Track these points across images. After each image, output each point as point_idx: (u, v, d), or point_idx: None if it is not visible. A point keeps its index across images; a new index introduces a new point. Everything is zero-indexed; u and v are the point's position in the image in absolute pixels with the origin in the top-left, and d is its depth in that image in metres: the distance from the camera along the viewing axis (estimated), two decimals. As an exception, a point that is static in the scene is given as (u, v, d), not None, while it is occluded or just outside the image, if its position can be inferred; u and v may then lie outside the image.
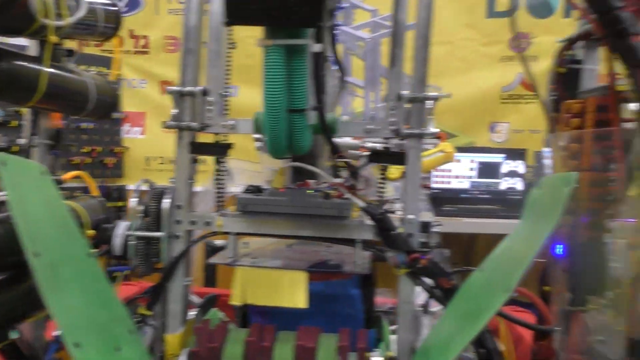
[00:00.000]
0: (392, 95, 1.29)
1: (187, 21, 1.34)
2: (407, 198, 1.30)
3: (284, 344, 1.30)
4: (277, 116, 1.10)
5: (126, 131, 4.34)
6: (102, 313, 1.20)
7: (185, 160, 1.37)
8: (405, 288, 1.31)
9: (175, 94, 1.35)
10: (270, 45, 1.06)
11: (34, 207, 1.14)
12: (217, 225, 1.35)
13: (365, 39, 3.12)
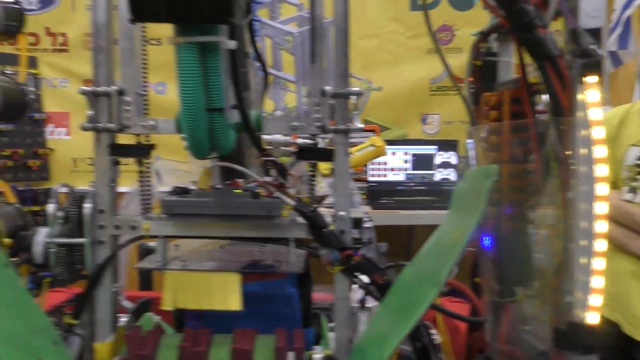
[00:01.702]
0: (316, 91, 1.28)
1: (95, 18, 1.28)
2: (337, 194, 1.29)
3: (220, 348, 1.27)
4: (195, 116, 1.06)
5: (50, 132, 4.17)
6: (21, 325, 1.14)
7: (105, 163, 1.31)
8: (340, 285, 1.30)
9: (89, 94, 1.29)
10: (182, 42, 1.03)
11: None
12: (143, 229, 1.31)
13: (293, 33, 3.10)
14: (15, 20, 1.37)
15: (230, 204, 1.25)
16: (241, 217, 1.26)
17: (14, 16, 1.37)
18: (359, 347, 1.27)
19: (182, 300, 1.30)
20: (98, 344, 1.31)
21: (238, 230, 1.30)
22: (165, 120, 1.29)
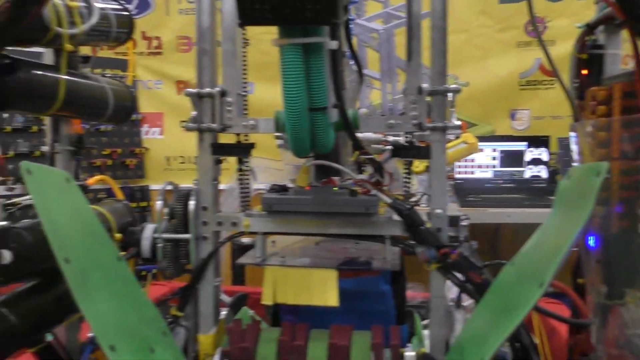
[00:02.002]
0: (412, 88, 1.27)
1: (199, 22, 1.33)
2: (434, 192, 1.29)
3: (317, 343, 1.29)
4: (298, 116, 1.09)
5: (145, 132, 4.37)
6: (134, 316, 1.20)
7: (208, 162, 1.36)
8: (436, 283, 1.29)
9: (193, 96, 1.34)
10: (286, 44, 1.05)
11: (61, 214, 1.14)
12: (244, 225, 1.35)
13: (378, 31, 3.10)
14: (125, 28, 1.45)
15: (328, 202, 1.27)
16: (339, 214, 1.28)
17: (124, 24, 1.45)
18: (457, 346, 1.26)
19: (281, 295, 1.33)
20: (202, 336, 1.36)
21: (335, 227, 1.31)
22: (265, 120, 1.33)
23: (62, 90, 1.21)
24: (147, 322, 1.23)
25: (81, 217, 1.23)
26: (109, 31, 1.39)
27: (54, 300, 1.24)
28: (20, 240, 1.14)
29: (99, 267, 1.18)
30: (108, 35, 1.39)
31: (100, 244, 1.24)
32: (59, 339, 1.37)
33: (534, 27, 1.23)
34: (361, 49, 3.21)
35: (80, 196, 1.25)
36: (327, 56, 1.06)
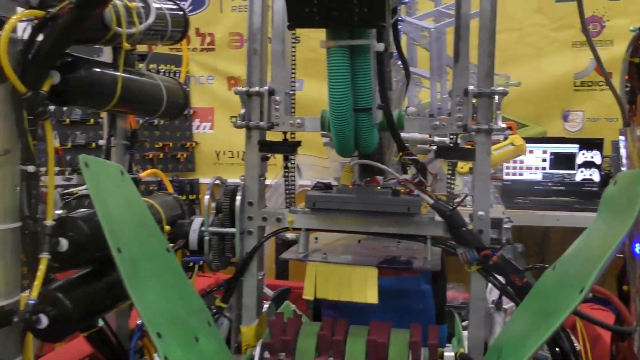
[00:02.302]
0: (458, 90, 1.28)
1: (250, 23, 1.37)
2: (477, 194, 1.29)
3: (356, 338, 1.31)
4: (343, 116, 1.11)
5: (196, 126, 4.47)
6: (181, 305, 1.25)
7: (255, 158, 1.40)
8: (477, 285, 1.30)
9: (242, 94, 1.38)
10: (333, 46, 1.07)
11: (115, 206, 1.20)
12: (288, 221, 1.38)
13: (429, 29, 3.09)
14: (180, 27, 1.50)
15: (371, 201, 1.29)
16: (381, 213, 1.30)
17: (179, 23, 1.50)
18: (495, 347, 1.26)
19: (322, 291, 1.36)
20: (244, 327, 1.40)
21: (377, 226, 1.33)
22: (311, 119, 1.36)
23: (119, 87, 1.27)
24: (193, 312, 1.28)
25: (133, 209, 1.28)
26: (165, 30, 1.45)
27: (105, 287, 1.30)
28: (77, 230, 1.20)
29: (149, 257, 1.23)
30: (164, 34, 1.45)
31: (150, 235, 1.29)
32: (110, 325, 1.43)
33: (583, 27, 1.21)
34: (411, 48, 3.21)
35: (133, 189, 1.31)
36: (374, 58, 1.08)
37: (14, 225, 1.12)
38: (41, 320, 1.12)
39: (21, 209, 1.13)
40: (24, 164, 1.13)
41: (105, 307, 1.33)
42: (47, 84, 1.12)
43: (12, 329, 1.13)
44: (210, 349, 1.25)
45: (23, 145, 1.12)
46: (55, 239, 1.16)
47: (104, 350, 1.38)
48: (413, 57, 3.20)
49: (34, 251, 1.14)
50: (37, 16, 1.07)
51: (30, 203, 1.14)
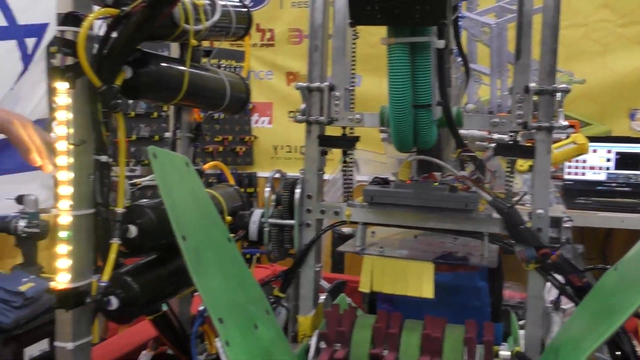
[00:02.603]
0: (519, 87, 1.27)
1: (312, 20, 1.39)
2: (536, 192, 1.28)
3: (411, 332, 1.33)
4: (403, 112, 1.13)
5: (255, 121, 4.56)
6: (241, 293, 1.29)
7: (315, 152, 1.43)
8: (534, 283, 1.29)
9: (303, 89, 1.41)
10: (394, 43, 1.09)
11: (181, 196, 1.25)
12: (345, 215, 1.41)
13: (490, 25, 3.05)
14: (244, 23, 1.55)
15: (429, 196, 1.30)
16: (438, 209, 1.30)
17: (243, 20, 1.54)
18: (553, 347, 1.25)
19: (378, 284, 1.38)
20: (301, 317, 1.44)
21: (434, 221, 1.34)
22: (370, 115, 1.38)
23: (185, 81, 1.32)
24: (252, 300, 1.32)
25: (197, 199, 1.33)
26: (229, 27, 1.49)
27: (169, 274, 1.36)
28: (145, 217, 1.26)
29: (211, 246, 1.28)
30: (228, 30, 1.49)
31: (213, 225, 1.34)
32: (173, 310, 1.49)
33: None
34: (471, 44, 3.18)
35: (198, 180, 1.36)
36: (434, 54, 1.09)
37: (88, 212, 1.19)
38: (111, 302, 1.19)
39: (94, 196, 1.20)
40: (98, 154, 1.19)
41: (169, 293, 1.39)
42: (120, 78, 1.18)
43: (85, 310, 1.20)
44: (268, 336, 1.29)
45: (97, 136, 1.18)
46: (125, 225, 1.22)
47: (167, 333, 1.44)
48: (473, 53, 3.17)
49: (105, 237, 1.21)
50: (111, 14, 1.13)
51: (102, 191, 1.20)
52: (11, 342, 2.60)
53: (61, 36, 1.11)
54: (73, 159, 1.15)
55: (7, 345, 2.57)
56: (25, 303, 2.65)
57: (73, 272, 1.17)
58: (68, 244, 1.16)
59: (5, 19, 3.23)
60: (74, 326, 1.18)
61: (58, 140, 1.14)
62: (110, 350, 1.66)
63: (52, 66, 1.13)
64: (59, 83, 1.12)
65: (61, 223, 1.16)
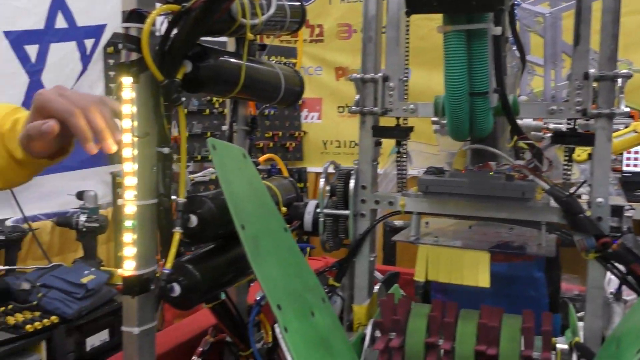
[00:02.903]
0: (578, 74, 1.25)
1: (366, 11, 1.41)
2: (595, 180, 1.26)
3: (467, 322, 1.33)
4: (459, 100, 1.12)
5: (304, 116, 4.59)
6: (298, 281, 1.32)
7: (369, 143, 1.44)
8: (594, 273, 1.27)
9: (357, 81, 1.43)
10: (450, 30, 1.09)
11: (239, 186, 1.29)
12: (400, 205, 1.42)
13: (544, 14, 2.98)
14: (298, 17, 1.57)
15: (485, 185, 1.29)
16: (495, 198, 1.30)
17: (297, 14, 1.56)
18: (614, 337, 1.23)
19: (433, 273, 1.38)
20: (356, 306, 1.46)
21: (490, 210, 1.34)
22: (424, 105, 1.38)
23: (243, 75, 1.35)
24: (309, 289, 1.34)
25: (254, 190, 1.37)
26: (284, 21, 1.52)
27: (227, 263, 1.39)
28: (205, 207, 1.30)
29: (268, 235, 1.31)
30: (283, 25, 1.52)
31: (269, 215, 1.37)
32: (231, 299, 1.53)
33: None
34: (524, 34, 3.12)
35: (254, 171, 1.40)
36: (490, 42, 1.09)
37: (152, 202, 1.23)
38: (174, 288, 1.23)
39: (157, 187, 1.24)
40: (160, 146, 1.23)
41: (228, 281, 1.43)
42: (181, 72, 1.22)
43: (149, 296, 1.25)
44: (324, 323, 1.31)
45: (159, 129, 1.22)
46: (187, 215, 1.26)
47: (225, 321, 1.48)
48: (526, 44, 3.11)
49: (167, 226, 1.25)
50: (173, 10, 1.16)
51: (164, 182, 1.24)
52: (74, 332, 2.71)
53: (126, 32, 1.15)
54: (137, 151, 1.20)
55: (70, 336, 2.68)
56: (86, 295, 2.76)
57: (138, 260, 1.21)
58: (133, 233, 1.21)
59: (66, 21, 3.36)
60: (139, 312, 1.23)
61: (123, 132, 1.19)
62: (173, 337, 1.71)
63: (116, 62, 1.18)
64: (124, 78, 1.16)
65: (127, 212, 1.20)
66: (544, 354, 1.25)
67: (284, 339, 1.13)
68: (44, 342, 2.54)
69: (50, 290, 2.70)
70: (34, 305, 2.60)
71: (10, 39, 3.12)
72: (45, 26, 3.26)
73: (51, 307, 2.62)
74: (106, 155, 3.90)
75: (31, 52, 3.20)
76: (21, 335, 2.40)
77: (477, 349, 1.28)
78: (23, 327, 2.42)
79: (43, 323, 2.50)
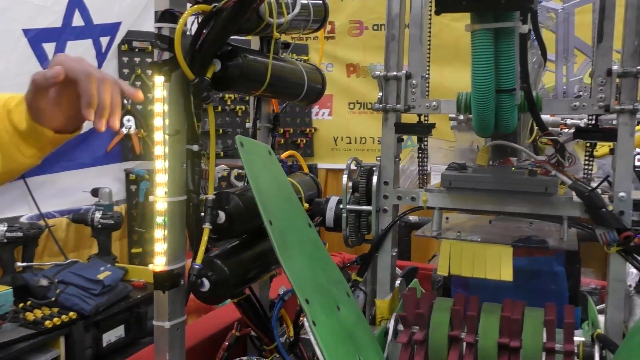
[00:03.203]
0: (601, 70, 1.27)
1: (389, 10, 1.43)
2: (618, 175, 1.28)
3: (489, 315, 1.35)
4: (486, 97, 1.14)
5: (315, 113, 4.61)
6: (323, 276, 1.34)
7: (391, 139, 1.46)
8: (616, 266, 1.29)
9: (380, 78, 1.44)
10: (478, 29, 1.11)
11: (265, 182, 1.31)
12: (422, 200, 1.44)
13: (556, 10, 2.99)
14: (321, 16, 1.59)
15: (508, 180, 1.31)
16: (517, 193, 1.32)
17: (320, 13, 1.59)
18: (636, 329, 1.25)
19: (456, 267, 1.40)
20: (379, 301, 1.48)
21: (513, 205, 1.35)
22: (446, 101, 1.40)
23: (269, 73, 1.38)
24: (334, 283, 1.37)
25: (280, 185, 1.39)
26: (308, 20, 1.54)
27: (252, 258, 1.42)
28: (233, 203, 1.32)
29: (294, 230, 1.33)
30: (307, 23, 1.54)
31: (294, 210, 1.39)
32: (255, 294, 1.55)
33: None
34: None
35: (279, 167, 1.42)
36: (517, 39, 1.11)
37: (182, 198, 1.26)
38: (204, 283, 1.26)
39: (186, 183, 1.27)
40: (189, 143, 1.26)
41: (253, 277, 1.46)
42: (210, 71, 1.24)
43: (179, 291, 1.27)
44: (350, 317, 1.33)
45: (189, 126, 1.25)
46: (215, 211, 1.29)
47: (250, 316, 1.51)
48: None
49: (196, 222, 1.28)
50: (204, 10, 1.19)
51: (194, 179, 1.27)
52: (91, 328, 2.74)
53: (158, 32, 1.18)
54: (168, 148, 1.22)
55: (88, 331, 2.71)
56: (103, 291, 2.80)
57: (168, 255, 1.24)
58: (164, 229, 1.23)
59: (82, 19, 3.39)
60: (170, 306, 1.25)
61: (155, 130, 1.21)
62: (199, 330, 1.74)
63: (151, 61, 1.20)
64: (156, 77, 1.19)
65: (158, 209, 1.23)
66: (567, 346, 1.27)
67: (312, 333, 1.15)
68: (62, 338, 2.57)
69: (68, 287, 2.73)
70: (52, 302, 2.63)
71: (29, 37, 3.16)
72: (62, 24, 3.29)
73: (69, 304, 2.65)
74: (120, 153, 3.96)
75: (49, 50, 3.23)
76: (41, 331, 2.44)
77: (500, 341, 1.30)
78: (42, 323, 2.45)
79: (62, 319, 2.53)
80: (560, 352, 1.27)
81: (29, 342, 2.38)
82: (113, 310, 2.85)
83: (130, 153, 4.00)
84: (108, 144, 3.92)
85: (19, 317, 2.48)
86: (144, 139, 4.02)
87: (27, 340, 2.37)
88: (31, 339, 2.39)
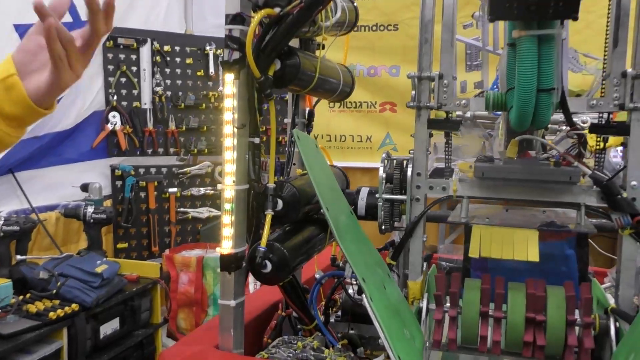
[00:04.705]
0: (616, 72, 1.43)
1: (423, 16, 1.55)
2: (631, 166, 1.44)
3: (515, 292, 1.49)
4: (529, 96, 1.28)
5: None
6: (370, 258, 1.46)
7: (424, 134, 1.59)
8: (627, 247, 1.45)
9: (414, 79, 1.57)
10: (524, 35, 1.24)
11: (318, 172, 1.42)
12: (452, 190, 1.57)
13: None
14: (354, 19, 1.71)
15: (537, 171, 1.46)
16: (544, 182, 1.47)
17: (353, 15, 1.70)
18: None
19: (486, 250, 1.53)
20: (411, 282, 1.60)
21: (538, 194, 1.50)
22: (475, 100, 1.54)
23: (317, 72, 1.49)
24: (378, 264, 1.49)
25: (327, 175, 1.50)
26: (344, 22, 1.66)
27: (303, 242, 1.53)
28: (289, 192, 1.43)
29: (343, 216, 1.45)
30: (343, 25, 1.66)
31: (339, 198, 1.51)
32: (296, 278, 1.66)
33: None
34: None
35: (325, 159, 1.53)
36: (558, 44, 1.25)
37: (245, 187, 1.36)
38: (267, 265, 1.36)
39: (249, 173, 1.37)
40: (252, 136, 1.36)
41: (303, 260, 1.56)
42: (272, 69, 1.35)
43: (241, 273, 1.37)
44: (394, 296, 1.46)
45: (252, 120, 1.35)
46: (275, 199, 1.39)
47: (293, 298, 1.61)
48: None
49: (256, 209, 1.38)
50: (270, 14, 1.29)
51: (255, 169, 1.37)
52: (91, 320, 2.78)
53: (229, 34, 1.28)
54: (236, 140, 1.32)
55: (88, 323, 2.75)
56: (102, 283, 2.84)
57: (234, 239, 1.34)
58: (231, 215, 1.33)
59: (71, 15, 3.39)
60: (235, 286, 1.35)
61: (225, 124, 1.31)
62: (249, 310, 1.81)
63: (222, 60, 1.29)
64: (227, 75, 1.29)
65: (226, 196, 1.33)
66: (586, 318, 1.42)
67: (371, 308, 1.27)
68: (65, 329, 2.61)
69: (69, 279, 2.75)
70: (52, 294, 2.65)
71: (20, 32, 3.15)
72: (52, 20, 3.28)
73: (70, 296, 2.68)
74: (105, 149, 3.97)
75: (39, 45, 3.22)
76: (45, 322, 2.46)
77: (528, 315, 1.44)
78: (46, 314, 2.48)
79: (65, 311, 2.56)
80: (580, 324, 1.42)
81: (35, 333, 2.40)
82: (110, 303, 2.89)
83: (116, 149, 4.02)
84: (94, 139, 3.92)
85: (21, 309, 2.50)
86: (129, 135, 4.04)
87: (33, 331, 2.40)
88: (36, 330, 2.42)
